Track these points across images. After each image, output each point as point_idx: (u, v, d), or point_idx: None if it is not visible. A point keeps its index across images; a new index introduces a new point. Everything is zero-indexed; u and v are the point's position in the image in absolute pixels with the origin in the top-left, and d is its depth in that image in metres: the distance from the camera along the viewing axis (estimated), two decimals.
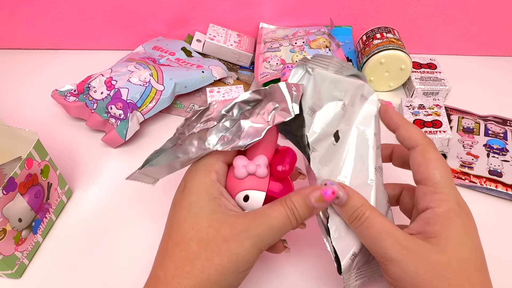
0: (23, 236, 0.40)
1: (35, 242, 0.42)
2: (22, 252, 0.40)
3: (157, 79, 0.57)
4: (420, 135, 0.33)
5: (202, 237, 0.29)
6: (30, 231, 0.41)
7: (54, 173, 0.44)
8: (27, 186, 0.40)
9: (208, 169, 0.32)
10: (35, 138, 0.41)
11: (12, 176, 0.37)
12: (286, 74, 0.53)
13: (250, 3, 0.69)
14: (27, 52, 0.73)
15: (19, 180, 0.38)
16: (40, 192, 0.42)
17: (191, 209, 0.30)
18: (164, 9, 0.69)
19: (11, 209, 0.38)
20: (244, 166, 0.32)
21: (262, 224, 0.29)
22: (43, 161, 0.42)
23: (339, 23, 0.72)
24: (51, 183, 0.44)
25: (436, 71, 0.63)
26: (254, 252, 0.29)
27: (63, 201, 0.47)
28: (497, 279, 0.40)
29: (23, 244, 0.40)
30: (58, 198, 0.46)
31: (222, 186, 0.32)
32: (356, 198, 0.32)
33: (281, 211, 0.30)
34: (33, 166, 0.40)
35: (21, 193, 0.39)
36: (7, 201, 0.37)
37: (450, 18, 0.69)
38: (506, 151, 0.52)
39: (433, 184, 0.31)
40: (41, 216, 0.43)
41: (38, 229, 0.43)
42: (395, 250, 0.29)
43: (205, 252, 0.28)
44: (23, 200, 0.39)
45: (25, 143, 0.42)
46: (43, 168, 0.42)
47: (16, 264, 0.40)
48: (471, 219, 0.31)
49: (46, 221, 0.44)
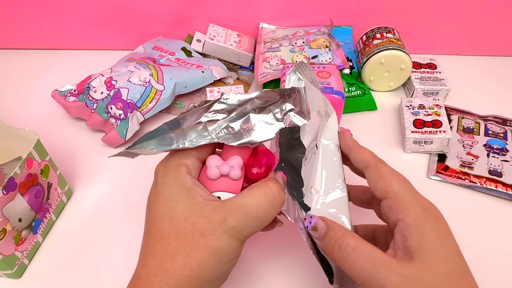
0: (23, 236, 0.40)
1: (35, 242, 0.42)
2: (22, 252, 0.40)
3: (157, 79, 0.57)
4: (371, 156, 0.34)
5: (180, 232, 0.29)
6: (30, 231, 0.41)
7: (54, 173, 0.44)
8: (27, 186, 0.40)
9: (178, 162, 0.31)
10: (35, 138, 0.41)
11: (12, 176, 0.37)
12: (286, 74, 0.53)
13: (250, 3, 0.69)
14: (27, 52, 0.73)
15: (19, 180, 0.38)
16: (40, 192, 0.42)
17: (167, 204, 0.30)
18: (164, 9, 0.69)
19: (11, 209, 0.38)
20: (217, 167, 0.31)
21: (239, 215, 0.29)
22: (43, 161, 0.42)
23: (339, 23, 0.72)
24: (51, 183, 0.44)
25: (436, 71, 0.63)
26: (234, 243, 0.29)
27: (63, 201, 0.47)
28: (497, 279, 0.40)
29: (23, 244, 0.40)
30: (58, 198, 0.46)
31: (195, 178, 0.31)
32: (335, 227, 0.31)
33: (260, 199, 0.30)
34: (33, 166, 0.40)
35: (21, 193, 0.39)
36: (7, 201, 0.37)
37: (450, 18, 0.69)
38: (506, 151, 0.52)
39: (394, 195, 0.31)
40: (41, 216, 0.43)
41: (38, 229, 0.43)
42: (391, 280, 0.28)
43: (185, 248, 0.28)
44: (23, 200, 0.39)
45: (25, 143, 0.42)
46: (43, 168, 0.42)
47: (16, 264, 0.40)
48: (442, 221, 0.31)
49: (46, 221, 0.44)
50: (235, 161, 0.31)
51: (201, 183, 0.32)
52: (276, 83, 0.63)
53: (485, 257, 0.42)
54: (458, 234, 0.44)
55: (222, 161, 0.31)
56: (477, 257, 0.42)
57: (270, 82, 0.64)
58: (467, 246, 0.43)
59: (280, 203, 0.31)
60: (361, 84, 0.63)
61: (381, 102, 0.62)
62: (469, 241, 0.43)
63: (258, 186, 0.30)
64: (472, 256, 0.42)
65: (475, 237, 0.44)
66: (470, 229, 0.44)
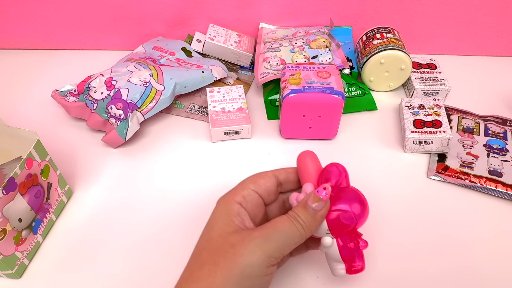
0: (23, 236, 0.40)
1: (35, 242, 0.42)
2: (22, 252, 0.40)
3: (157, 79, 0.57)
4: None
5: (212, 246, 0.31)
6: (30, 231, 0.41)
7: (54, 173, 0.44)
8: (27, 186, 0.39)
9: (234, 193, 0.35)
10: (35, 138, 0.41)
11: (12, 176, 0.37)
12: (286, 74, 0.53)
13: (250, 3, 0.69)
14: (27, 52, 0.73)
15: (19, 180, 0.38)
16: (40, 192, 0.42)
17: (210, 224, 0.33)
18: (164, 9, 0.69)
19: (11, 209, 0.37)
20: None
21: (267, 229, 0.31)
22: (43, 161, 0.42)
23: (339, 23, 0.72)
24: (51, 183, 0.44)
25: (436, 71, 0.63)
26: (258, 254, 0.30)
27: (63, 201, 0.47)
28: (497, 279, 0.40)
29: (23, 244, 0.40)
30: (58, 198, 0.45)
31: (244, 210, 0.34)
32: None
33: (286, 220, 0.32)
34: (33, 166, 0.40)
35: (21, 193, 0.39)
36: (7, 201, 0.37)
37: (450, 18, 0.69)
38: (506, 151, 0.52)
39: None
40: (41, 216, 0.43)
41: (38, 229, 0.42)
42: None
43: (213, 258, 0.31)
44: (23, 200, 0.39)
45: (25, 143, 0.42)
46: (43, 168, 0.42)
47: (16, 264, 0.40)
48: None
49: (46, 221, 0.44)
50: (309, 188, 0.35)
51: None
52: (276, 83, 0.63)
53: (485, 257, 0.42)
54: (458, 234, 0.44)
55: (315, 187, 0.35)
56: (477, 257, 0.42)
57: (270, 82, 0.64)
58: (467, 246, 0.43)
59: (308, 231, 0.32)
60: (361, 84, 0.63)
61: (381, 102, 0.62)
62: (469, 241, 0.43)
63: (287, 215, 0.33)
64: (472, 256, 0.43)
65: (475, 237, 0.44)
66: (470, 229, 0.44)
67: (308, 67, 0.54)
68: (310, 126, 0.53)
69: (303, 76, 0.52)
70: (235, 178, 0.51)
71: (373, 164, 0.52)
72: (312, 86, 0.50)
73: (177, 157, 0.53)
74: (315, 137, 0.55)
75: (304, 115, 0.52)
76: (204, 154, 0.54)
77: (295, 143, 0.55)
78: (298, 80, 0.52)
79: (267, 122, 0.59)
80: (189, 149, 0.55)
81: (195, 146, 0.55)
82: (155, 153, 0.54)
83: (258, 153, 0.54)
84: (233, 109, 0.56)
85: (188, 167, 0.52)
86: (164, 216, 0.46)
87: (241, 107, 0.57)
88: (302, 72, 0.53)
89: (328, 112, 0.51)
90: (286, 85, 0.51)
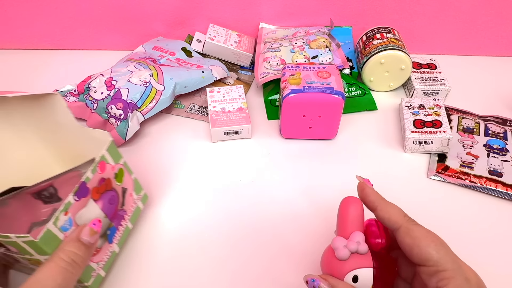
0: (98, 246, 0.36)
1: (111, 252, 0.38)
2: (98, 263, 0.37)
3: (157, 79, 0.57)
4: (399, 215, 0.32)
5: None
6: (105, 240, 0.37)
7: (129, 177, 0.40)
8: (100, 192, 0.36)
9: None
10: (108, 140, 0.37)
11: (84, 181, 0.33)
12: (286, 74, 0.53)
13: (250, 3, 0.69)
14: (27, 52, 0.73)
15: (92, 185, 0.34)
16: (114, 198, 0.38)
17: None
18: (164, 9, 0.69)
19: (84, 217, 0.34)
20: (345, 247, 0.31)
21: None
22: (117, 164, 0.38)
23: (339, 23, 0.72)
24: (126, 188, 0.39)
25: (436, 71, 0.63)
26: None
27: (139, 208, 0.43)
28: (497, 279, 0.40)
29: (98, 254, 0.36)
30: (133, 204, 0.41)
31: None
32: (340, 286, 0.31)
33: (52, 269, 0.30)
34: (106, 170, 0.36)
35: (94, 199, 0.35)
36: (79, 207, 0.33)
37: (450, 18, 0.69)
38: (506, 151, 0.52)
39: (434, 263, 0.29)
40: (116, 224, 0.39)
41: (114, 238, 0.38)
42: None
43: None
44: (97, 207, 0.35)
45: (98, 144, 0.38)
46: (117, 171, 0.38)
47: (92, 276, 0.36)
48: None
49: (122, 229, 0.39)
50: (359, 236, 0.32)
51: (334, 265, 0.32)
52: (276, 83, 0.63)
53: (485, 257, 0.42)
54: (458, 234, 0.44)
55: (346, 240, 0.32)
56: (477, 257, 0.42)
57: (270, 82, 0.64)
58: (467, 246, 0.43)
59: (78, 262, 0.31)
60: (361, 84, 0.63)
61: (381, 102, 0.62)
62: (469, 241, 0.43)
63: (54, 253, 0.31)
64: (472, 256, 0.42)
65: (475, 237, 0.44)
66: (470, 229, 0.44)
67: (308, 67, 0.54)
68: (310, 126, 0.53)
69: (303, 76, 0.52)
70: (235, 178, 0.51)
71: (373, 164, 0.52)
72: (312, 86, 0.50)
73: (177, 157, 0.53)
74: (315, 137, 0.55)
75: (304, 115, 0.52)
76: (204, 154, 0.54)
77: (295, 143, 0.55)
78: (298, 80, 0.52)
79: (267, 122, 0.59)
80: (189, 149, 0.55)
81: (195, 146, 0.55)
82: (155, 153, 0.54)
83: (258, 153, 0.54)
84: (233, 109, 0.56)
85: (188, 167, 0.52)
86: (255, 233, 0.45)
87: (241, 107, 0.57)
88: (302, 72, 0.53)
89: (328, 112, 0.51)
90: (286, 85, 0.51)
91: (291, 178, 0.50)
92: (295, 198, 0.48)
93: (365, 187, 0.34)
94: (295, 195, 0.48)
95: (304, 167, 0.52)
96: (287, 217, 0.46)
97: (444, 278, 0.28)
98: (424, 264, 0.29)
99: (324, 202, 0.47)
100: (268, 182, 0.50)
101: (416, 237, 0.30)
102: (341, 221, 0.33)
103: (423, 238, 0.29)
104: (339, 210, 0.34)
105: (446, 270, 0.28)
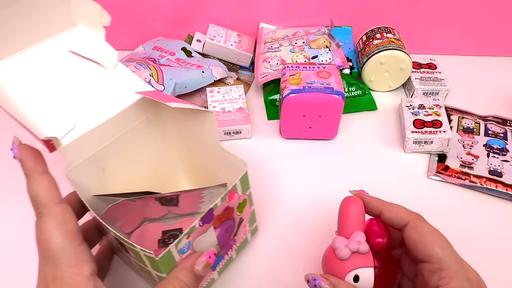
0: None
1: (210, 278, 0.38)
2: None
3: (157, 79, 0.57)
4: (406, 212, 0.32)
5: None
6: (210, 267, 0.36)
7: (249, 208, 0.39)
8: (222, 220, 0.35)
9: None
10: (243, 169, 0.36)
11: (212, 208, 0.33)
12: (286, 74, 0.53)
13: (250, 3, 0.69)
14: None
15: (217, 213, 0.34)
16: (231, 227, 0.37)
17: None
18: (164, 9, 0.69)
19: (201, 243, 0.33)
20: (345, 246, 0.31)
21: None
22: (243, 194, 0.37)
23: (339, 23, 0.72)
24: (243, 218, 0.38)
25: (436, 71, 0.63)
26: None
27: (247, 239, 0.42)
28: (498, 279, 0.40)
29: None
30: (244, 235, 0.40)
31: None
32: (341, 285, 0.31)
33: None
34: (233, 199, 0.35)
35: (214, 226, 0.34)
36: (200, 233, 0.33)
37: (450, 18, 0.69)
38: (506, 151, 0.52)
39: (437, 260, 0.29)
40: (224, 253, 0.38)
41: (218, 266, 0.38)
42: None
43: None
44: (214, 234, 0.35)
45: (232, 171, 0.37)
46: (241, 202, 0.37)
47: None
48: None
49: (227, 257, 0.39)
50: (360, 236, 0.32)
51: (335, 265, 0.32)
52: (276, 83, 0.63)
53: (485, 257, 0.42)
54: (458, 234, 0.44)
55: (347, 240, 0.32)
56: (477, 257, 0.42)
57: (270, 82, 0.64)
58: (467, 246, 0.43)
59: None
60: (361, 84, 0.63)
61: (381, 102, 0.62)
62: (469, 241, 0.43)
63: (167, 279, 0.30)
64: (472, 256, 0.42)
65: (475, 237, 0.44)
66: (470, 229, 0.44)
67: (308, 67, 0.54)
68: (310, 126, 0.53)
69: (303, 76, 0.52)
70: None
71: (373, 164, 0.52)
72: (312, 86, 0.50)
73: None
74: (315, 137, 0.55)
75: (304, 115, 0.52)
76: None
77: (295, 143, 0.55)
78: (298, 80, 0.52)
79: (267, 122, 0.59)
80: None
81: None
82: None
83: (258, 153, 0.54)
84: (233, 109, 0.56)
85: None
86: None
87: (241, 107, 0.57)
88: (302, 72, 0.53)
89: (328, 112, 0.51)
90: (286, 85, 0.51)
91: (291, 178, 0.50)
92: (295, 198, 0.48)
93: (363, 196, 0.34)
94: (295, 195, 0.48)
95: (304, 167, 0.52)
96: (288, 217, 0.46)
97: (446, 276, 0.28)
98: (428, 260, 0.29)
99: (324, 202, 0.47)
100: (268, 182, 0.50)
101: (423, 233, 0.30)
102: (341, 221, 0.34)
103: (429, 234, 0.30)
104: (340, 209, 0.34)
105: (449, 268, 0.28)
